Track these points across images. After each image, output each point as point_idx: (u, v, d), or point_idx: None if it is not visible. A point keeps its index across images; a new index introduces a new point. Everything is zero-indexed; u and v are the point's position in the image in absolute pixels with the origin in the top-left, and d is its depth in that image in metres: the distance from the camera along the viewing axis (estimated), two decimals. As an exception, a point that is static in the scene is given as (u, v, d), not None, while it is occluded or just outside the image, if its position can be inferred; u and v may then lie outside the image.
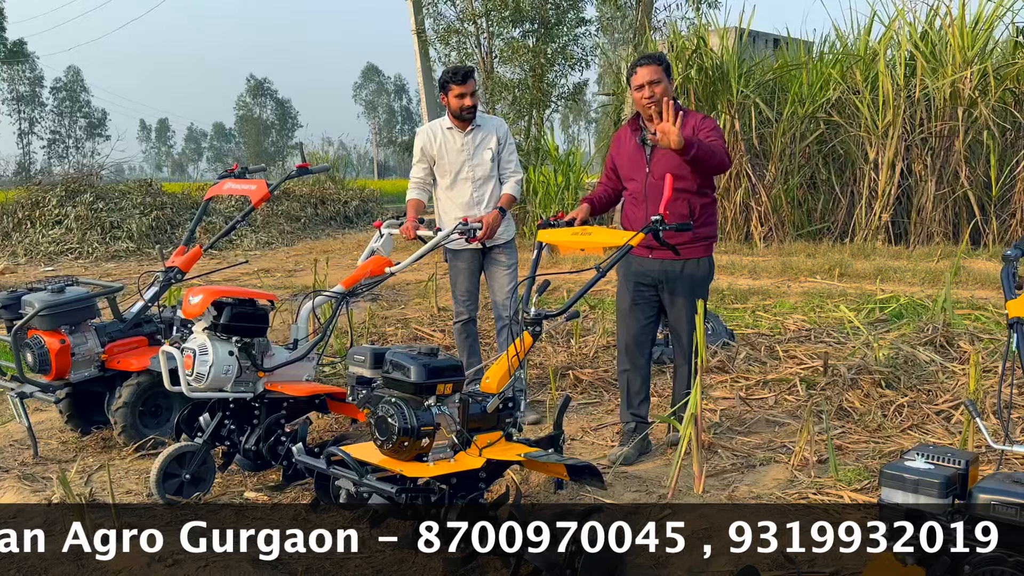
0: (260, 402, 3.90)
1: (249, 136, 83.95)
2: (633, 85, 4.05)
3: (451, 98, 4.73)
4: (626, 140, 4.16)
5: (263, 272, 11.73)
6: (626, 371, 4.23)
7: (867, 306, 7.23)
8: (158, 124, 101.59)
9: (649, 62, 4.01)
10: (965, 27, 11.19)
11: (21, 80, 64.19)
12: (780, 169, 12.02)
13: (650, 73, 3.96)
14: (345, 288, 4.23)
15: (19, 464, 4.25)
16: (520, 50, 14.98)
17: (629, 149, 4.13)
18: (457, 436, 3.06)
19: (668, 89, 3.98)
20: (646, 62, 4.02)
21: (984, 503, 1.85)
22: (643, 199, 4.02)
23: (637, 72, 4.01)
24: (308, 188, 19.23)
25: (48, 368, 4.19)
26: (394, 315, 7.91)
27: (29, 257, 13.86)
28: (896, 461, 2.08)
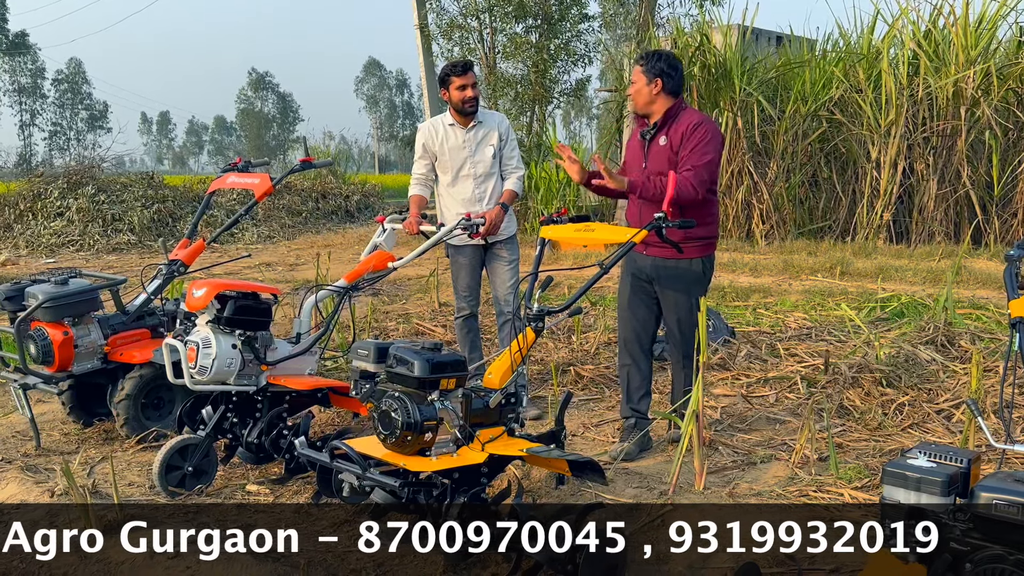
0: (263, 395, 3.91)
1: (250, 130, 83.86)
2: None
3: (452, 91, 4.74)
4: (634, 135, 4.24)
5: (264, 266, 11.74)
6: (626, 366, 4.24)
7: (868, 305, 7.24)
8: (159, 117, 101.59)
9: (635, 62, 4.16)
10: (968, 26, 11.18)
11: (23, 72, 64.13)
12: (782, 167, 12.01)
13: (632, 74, 4.13)
14: (348, 283, 4.24)
15: (21, 455, 4.26)
16: (523, 46, 14.96)
17: (633, 144, 4.22)
18: (460, 431, 3.07)
19: (642, 89, 4.04)
20: (635, 62, 4.17)
21: (986, 502, 1.86)
22: (651, 199, 4.04)
23: None
24: (309, 182, 19.22)
25: (51, 360, 4.19)
26: (395, 310, 7.92)
27: (31, 249, 13.85)
28: (898, 459, 2.09)
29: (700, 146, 3.90)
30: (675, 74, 4.04)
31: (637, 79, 4.06)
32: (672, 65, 4.06)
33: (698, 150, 3.89)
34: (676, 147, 3.96)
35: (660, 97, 4.02)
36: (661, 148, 4.00)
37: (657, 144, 4.03)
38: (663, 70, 4.02)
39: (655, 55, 4.10)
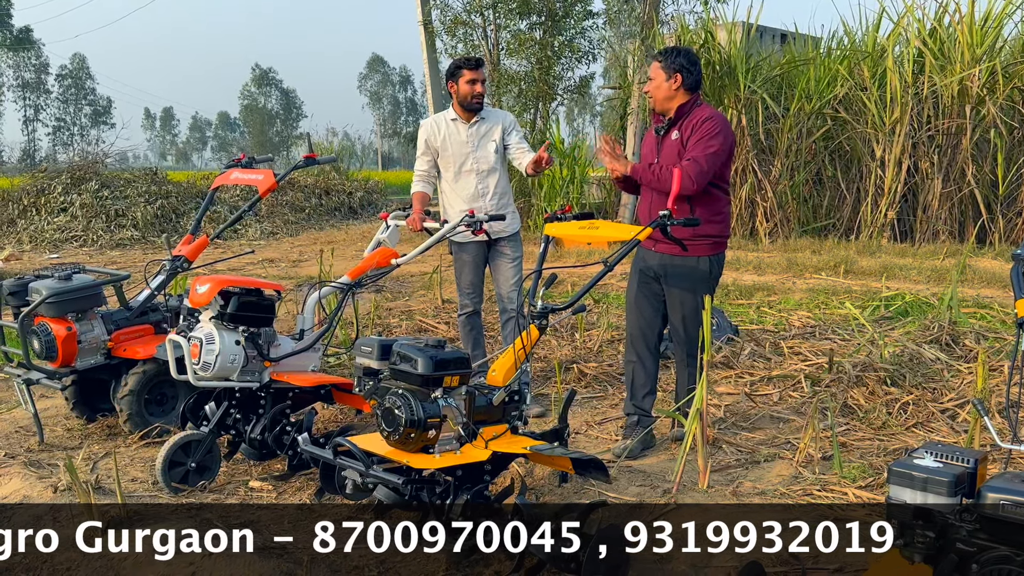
0: (266, 392, 3.90)
1: (254, 125, 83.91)
2: None
3: (461, 84, 4.72)
4: (650, 131, 4.26)
5: (268, 262, 11.74)
6: (632, 363, 4.23)
7: (872, 303, 7.22)
8: (163, 113, 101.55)
9: (654, 58, 4.13)
10: (974, 24, 11.15)
11: (27, 67, 64.24)
12: (786, 165, 11.99)
13: (651, 71, 4.12)
14: (351, 279, 4.24)
15: (25, 450, 4.26)
16: (527, 42, 14.95)
17: (649, 140, 4.23)
18: (463, 428, 3.07)
19: (661, 85, 4.02)
20: (651, 59, 4.17)
21: (993, 503, 1.85)
22: (650, 188, 4.05)
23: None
24: (313, 179, 19.24)
25: (54, 355, 4.19)
26: (398, 307, 7.92)
27: (34, 244, 13.88)
28: (904, 459, 2.08)
29: (705, 138, 3.89)
30: (694, 70, 4.03)
31: (656, 75, 4.05)
32: (692, 61, 4.05)
33: (702, 142, 3.89)
34: (686, 141, 3.95)
35: (679, 93, 4.01)
36: (672, 143, 4.01)
37: (669, 139, 4.03)
38: (683, 66, 4.02)
39: (674, 51, 4.09)
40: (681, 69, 4.00)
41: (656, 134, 4.13)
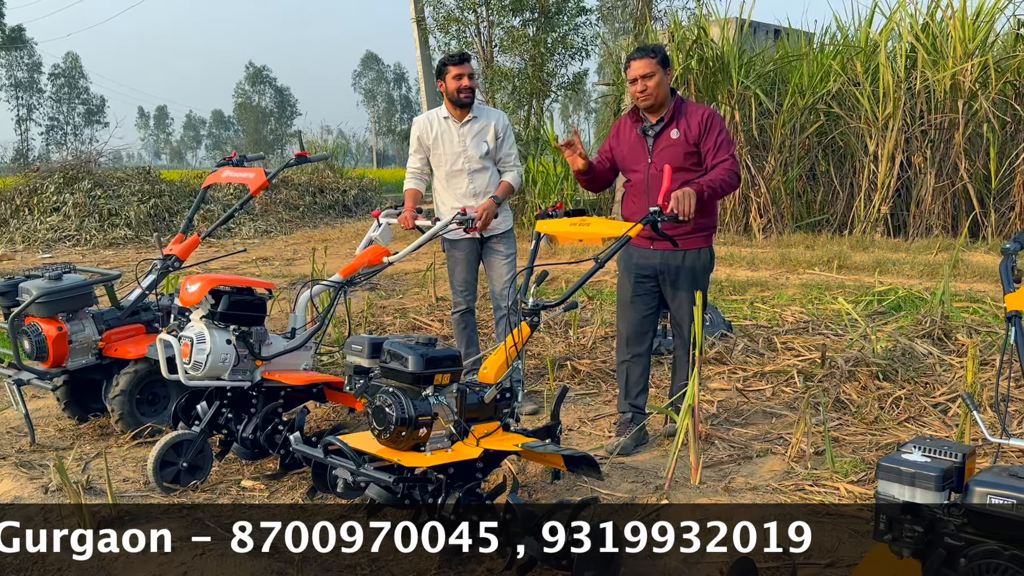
0: (257, 391, 3.89)
1: (248, 124, 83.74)
2: (628, 78, 4.07)
3: (449, 80, 4.72)
4: (627, 131, 4.14)
5: (261, 260, 11.72)
6: (625, 362, 4.23)
7: (865, 298, 7.23)
8: (156, 111, 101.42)
9: (643, 55, 3.99)
10: (966, 19, 11.18)
11: (19, 66, 63.95)
12: (780, 160, 12.00)
13: (643, 67, 3.95)
14: (343, 277, 4.23)
15: (16, 451, 4.25)
16: (520, 39, 14.93)
17: (630, 140, 4.11)
18: (455, 426, 3.06)
19: (663, 81, 3.97)
20: (640, 55, 4.00)
21: (980, 497, 1.85)
22: (645, 190, 4.01)
23: (631, 65, 4.02)
24: (307, 177, 19.20)
25: (45, 355, 4.18)
26: (392, 304, 7.91)
27: (27, 244, 13.83)
28: (893, 454, 2.08)
29: (725, 137, 3.94)
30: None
31: (654, 69, 3.94)
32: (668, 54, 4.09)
33: (724, 141, 3.93)
34: (693, 140, 3.93)
35: (669, 89, 4.02)
36: (674, 142, 3.95)
37: (668, 138, 3.96)
38: (668, 59, 4.02)
39: (656, 45, 4.09)
40: (669, 63, 4.00)
41: (643, 134, 4.04)
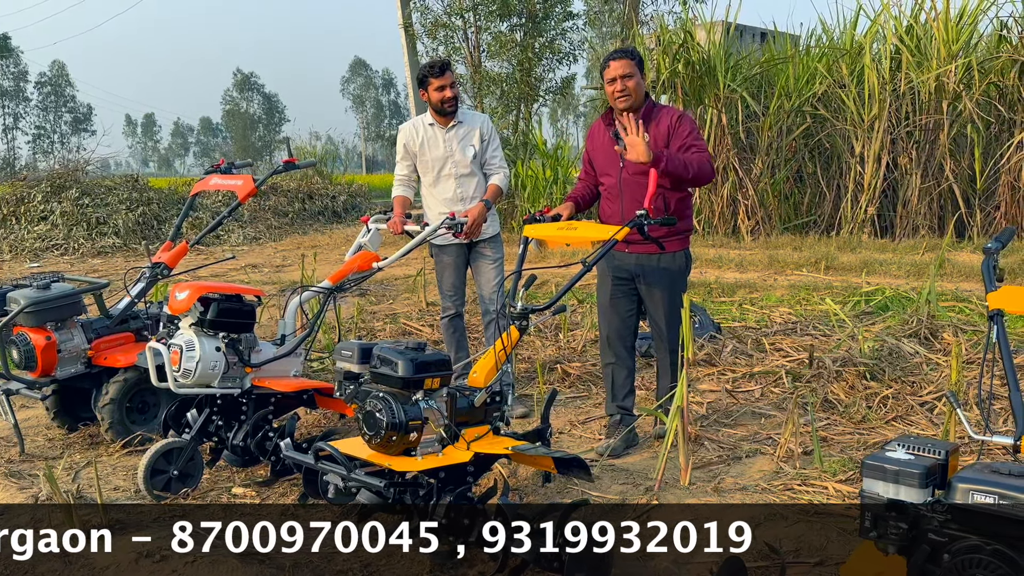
0: (248, 398, 3.90)
1: (236, 131, 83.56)
2: (606, 78, 4.08)
3: (431, 92, 4.74)
4: (600, 134, 4.18)
5: (251, 267, 11.71)
6: (610, 364, 4.25)
7: (853, 299, 7.28)
8: (144, 119, 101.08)
9: (622, 56, 4.04)
10: (950, 21, 11.27)
11: (5, 75, 63.65)
12: (767, 163, 12.07)
13: (622, 67, 3.99)
14: (332, 283, 4.23)
15: (5, 461, 4.23)
16: (508, 44, 14.97)
17: (604, 144, 4.14)
18: (445, 430, 3.08)
19: (640, 83, 4.02)
20: (619, 56, 4.05)
21: (963, 493, 1.88)
22: (618, 194, 4.05)
23: (610, 66, 4.05)
24: (296, 183, 19.16)
25: (34, 365, 4.18)
26: (383, 310, 7.91)
27: (14, 253, 13.76)
28: (878, 452, 2.11)
29: (694, 132, 3.98)
30: None
31: (632, 70, 3.99)
32: None
33: (693, 135, 3.97)
34: (664, 141, 3.96)
35: None
36: None
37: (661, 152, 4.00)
38: (643, 63, 4.06)
39: (634, 49, 4.13)
40: (643, 66, 4.04)
41: (615, 138, 3.99)
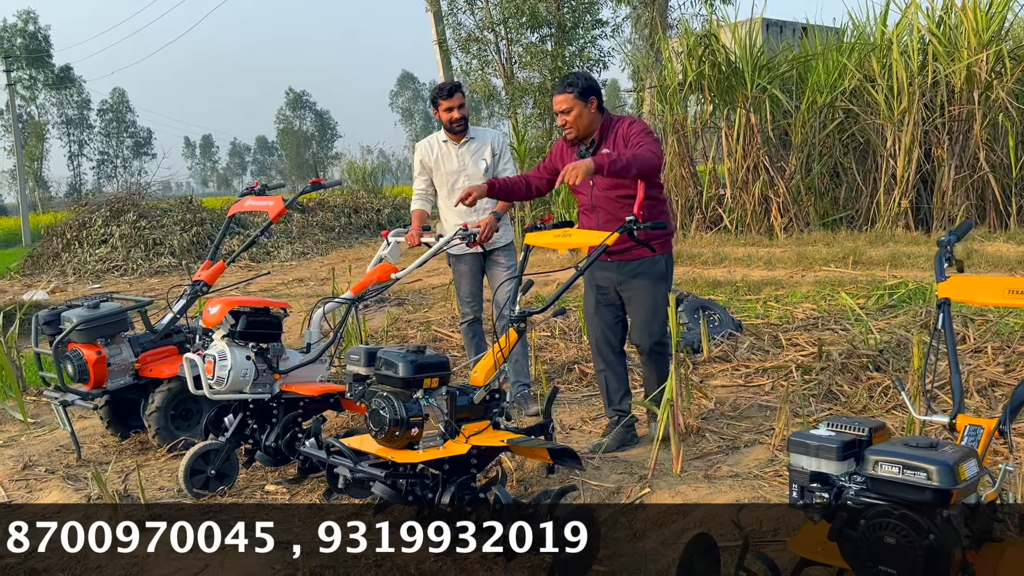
0: (277, 402, 4.24)
1: (290, 148, 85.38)
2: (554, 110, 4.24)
3: (441, 112, 5.04)
4: (567, 155, 4.27)
5: (297, 281, 12.18)
6: (602, 371, 4.42)
7: (876, 292, 7.37)
8: (202, 140, 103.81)
9: (561, 90, 4.11)
10: (979, 9, 11.19)
11: (69, 104, 66.17)
12: (801, 159, 12.10)
13: (562, 102, 4.08)
14: (354, 294, 4.57)
15: (64, 466, 4.66)
16: (539, 54, 15.27)
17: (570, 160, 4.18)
18: (445, 426, 3.36)
19: (582, 113, 4.06)
20: (559, 90, 4.12)
21: (872, 464, 2.10)
22: (592, 209, 4.21)
23: (554, 99, 4.19)
24: (343, 198, 19.75)
25: (87, 378, 4.57)
26: (417, 318, 8.25)
27: (78, 276, 14.52)
28: (803, 430, 2.34)
29: (642, 132, 4.04)
30: (600, 88, 4.17)
31: (572, 104, 4.04)
32: (595, 81, 4.20)
33: (641, 135, 4.01)
34: (623, 148, 4.05)
35: (597, 115, 4.12)
36: None
37: (602, 157, 4.01)
38: (592, 87, 4.10)
39: (576, 76, 4.15)
40: (592, 91, 4.08)
41: (580, 157, 4.11)
